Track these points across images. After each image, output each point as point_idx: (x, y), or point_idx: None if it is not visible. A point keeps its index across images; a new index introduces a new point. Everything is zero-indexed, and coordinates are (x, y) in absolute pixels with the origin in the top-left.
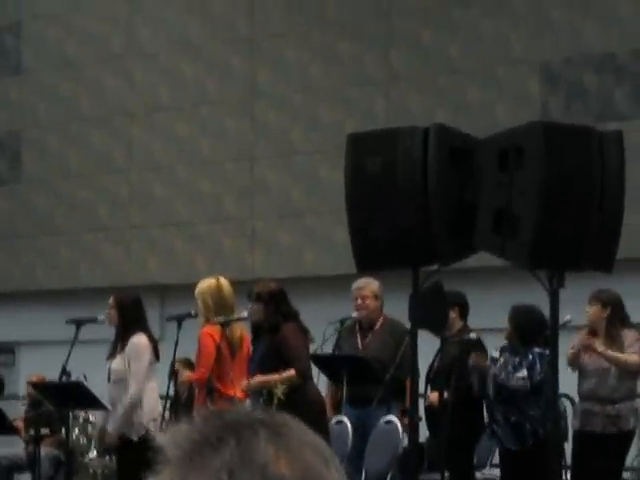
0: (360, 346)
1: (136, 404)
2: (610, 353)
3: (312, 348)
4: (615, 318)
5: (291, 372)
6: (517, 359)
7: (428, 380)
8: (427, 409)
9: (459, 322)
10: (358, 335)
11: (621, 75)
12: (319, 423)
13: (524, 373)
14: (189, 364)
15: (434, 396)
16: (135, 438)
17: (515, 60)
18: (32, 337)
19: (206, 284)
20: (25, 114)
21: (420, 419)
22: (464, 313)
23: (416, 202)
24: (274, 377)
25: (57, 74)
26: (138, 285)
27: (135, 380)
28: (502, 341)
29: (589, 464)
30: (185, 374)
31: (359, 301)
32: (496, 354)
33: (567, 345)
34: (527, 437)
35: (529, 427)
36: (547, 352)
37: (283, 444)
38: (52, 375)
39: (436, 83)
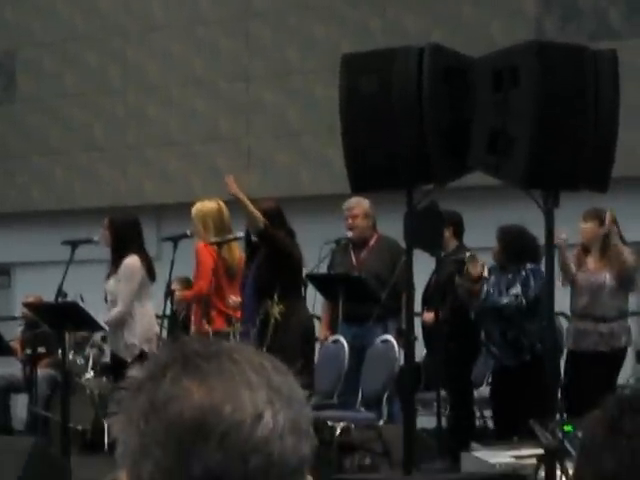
0: (355, 263)
1: (117, 323)
2: (613, 233)
3: (308, 269)
4: (612, 236)
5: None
6: (509, 276)
7: (424, 300)
8: (424, 328)
9: (454, 241)
10: (352, 253)
11: None
12: (309, 341)
13: (518, 290)
14: (187, 283)
15: (428, 316)
16: (129, 359)
17: None
18: (28, 258)
19: (207, 206)
20: (20, 34)
21: (416, 338)
22: (459, 232)
23: (411, 122)
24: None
25: None
26: (134, 205)
27: (121, 300)
28: None
29: (582, 383)
30: (181, 293)
31: (349, 221)
32: (485, 272)
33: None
34: (525, 352)
35: (526, 342)
36: (540, 267)
37: (196, 377)
38: (48, 296)
39: (431, 2)
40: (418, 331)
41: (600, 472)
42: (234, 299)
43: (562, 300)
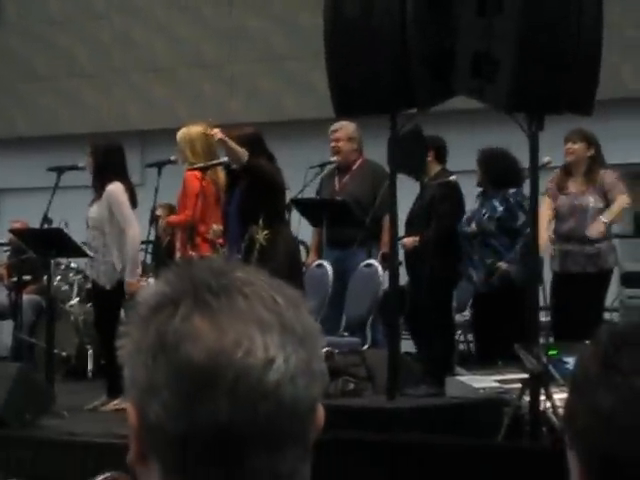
0: (337, 187)
1: (137, 246)
2: (611, 217)
3: (292, 193)
4: (597, 158)
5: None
6: (492, 202)
7: (408, 225)
8: (406, 253)
9: (436, 166)
10: (336, 178)
11: None
12: (295, 265)
13: (499, 214)
14: (170, 209)
15: (409, 240)
16: (108, 287)
17: None
18: (14, 184)
19: (194, 130)
20: None
21: (400, 263)
22: (442, 156)
23: (394, 46)
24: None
25: None
26: (118, 131)
27: (128, 225)
28: None
29: (571, 305)
30: (167, 218)
31: (333, 144)
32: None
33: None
34: (496, 279)
35: (503, 268)
36: (522, 191)
37: (206, 315)
38: (34, 222)
39: None
40: (402, 256)
41: (595, 409)
42: (215, 228)
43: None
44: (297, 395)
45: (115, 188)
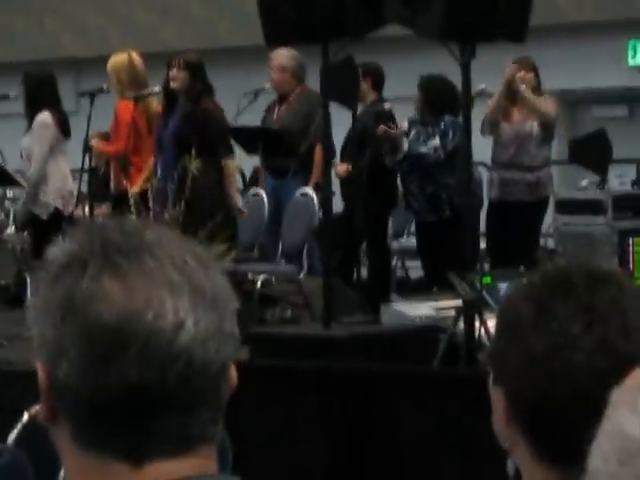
0: (275, 117)
1: (36, 183)
2: (532, 95)
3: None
4: (538, 86)
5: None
6: (429, 129)
7: (343, 152)
8: (341, 182)
9: (372, 93)
10: (276, 108)
11: None
12: (225, 195)
13: (436, 142)
14: (105, 138)
15: (342, 168)
16: (44, 217)
17: None
18: None
19: (119, 59)
20: None
21: (334, 193)
22: (378, 84)
23: None
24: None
25: None
26: (52, 60)
27: (35, 160)
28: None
29: (507, 233)
30: (98, 145)
31: (268, 72)
32: (405, 124)
33: (482, 114)
34: (443, 207)
35: (445, 197)
36: (459, 119)
37: (117, 277)
38: None
39: None
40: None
41: (529, 353)
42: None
43: (482, 150)
44: (208, 358)
45: (42, 120)
